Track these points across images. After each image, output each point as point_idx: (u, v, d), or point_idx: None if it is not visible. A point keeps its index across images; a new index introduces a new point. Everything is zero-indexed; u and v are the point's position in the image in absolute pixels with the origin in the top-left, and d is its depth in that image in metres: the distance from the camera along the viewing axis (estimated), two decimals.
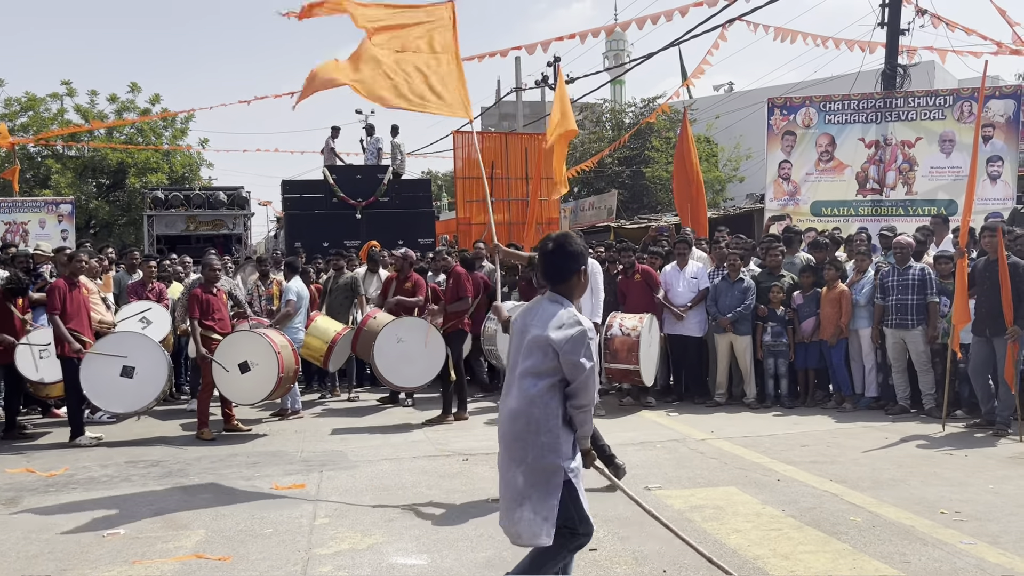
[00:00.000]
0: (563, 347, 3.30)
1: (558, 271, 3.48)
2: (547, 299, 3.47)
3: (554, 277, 3.49)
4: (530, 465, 3.33)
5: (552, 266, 3.49)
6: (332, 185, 15.87)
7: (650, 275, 9.46)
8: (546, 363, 3.33)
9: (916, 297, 8.34)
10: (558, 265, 3.48)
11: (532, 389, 3.34)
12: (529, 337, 3.39)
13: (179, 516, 5.44)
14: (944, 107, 12.62)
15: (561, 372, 3.33)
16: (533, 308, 3.49)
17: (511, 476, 3.38)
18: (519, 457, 3.35)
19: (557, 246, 3.50)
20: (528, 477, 3.33)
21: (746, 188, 27.79)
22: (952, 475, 6.06)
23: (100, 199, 27.54)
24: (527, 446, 3.33)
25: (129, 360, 7.92)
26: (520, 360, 3.42)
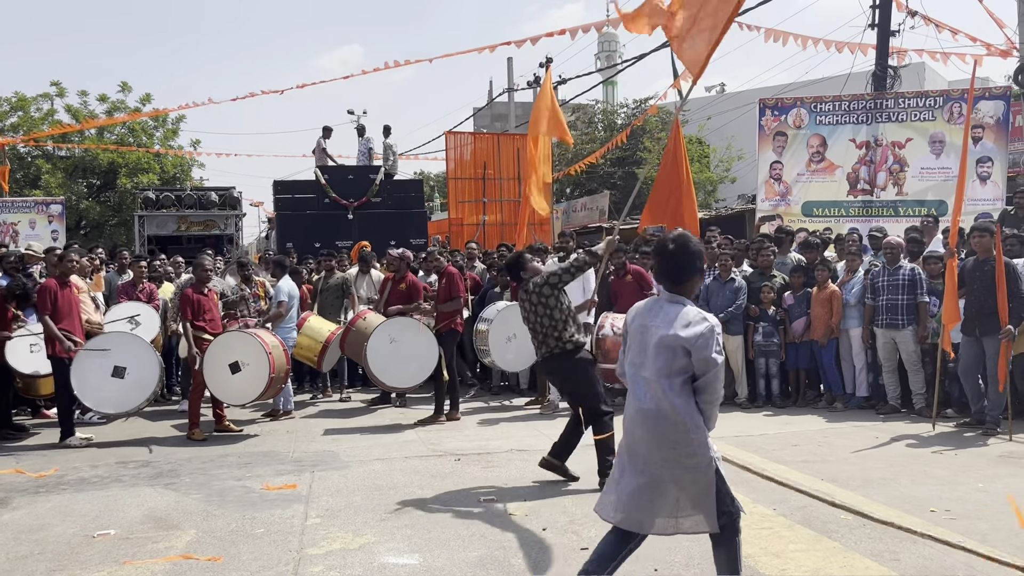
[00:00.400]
0: (695, 344, 3.39)
1: (680, 271, 3.56)
2: (666, 299, 3.56)
3: (676, 277, 3.57)
4: (686, 465, 3.43)
5: (675, 266, 3.57)
6: (324, 185, 15.84)
7: (642, 275, 9.47)
8: (676, 362, 3.43)
9: (906, 297, 8.38)
10: (681, 265, 3.56)
11: (671, 390, 3.44)
12: (656, 338, 3.47)
13: (170, 516, 5.43)
14: (934, 108, 12.68)
15: (691, 369, 3.43)
16: (651, 309, 3.58)
17: (660, 476, 3.45)
18: (671, 457, 3.44)
19: (679, 246, 3.57)
20: (687, 475, 3.44)
21: (738, 189, 27.86)
22: (942, 474, 6.09)
23: (91, 199, 27.46)
24: (679, 445, 3.42)
25: (120, 360, 7.89)
26: (648, 362, 3.50)
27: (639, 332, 3.57)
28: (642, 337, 3.54)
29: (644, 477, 3.49)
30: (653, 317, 3.53)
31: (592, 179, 29.99)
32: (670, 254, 3.57)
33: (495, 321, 9.26)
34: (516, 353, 9.33)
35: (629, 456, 3.55)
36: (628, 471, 3.53)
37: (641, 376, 3.53)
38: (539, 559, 4.45)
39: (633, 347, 3.59)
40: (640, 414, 3.52)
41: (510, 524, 5.07)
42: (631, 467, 3.53)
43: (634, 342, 3.59)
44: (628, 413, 3.58)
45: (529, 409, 9.34)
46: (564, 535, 4.83)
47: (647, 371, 3.50)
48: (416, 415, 8.89)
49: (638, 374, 3.55)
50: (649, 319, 3.54)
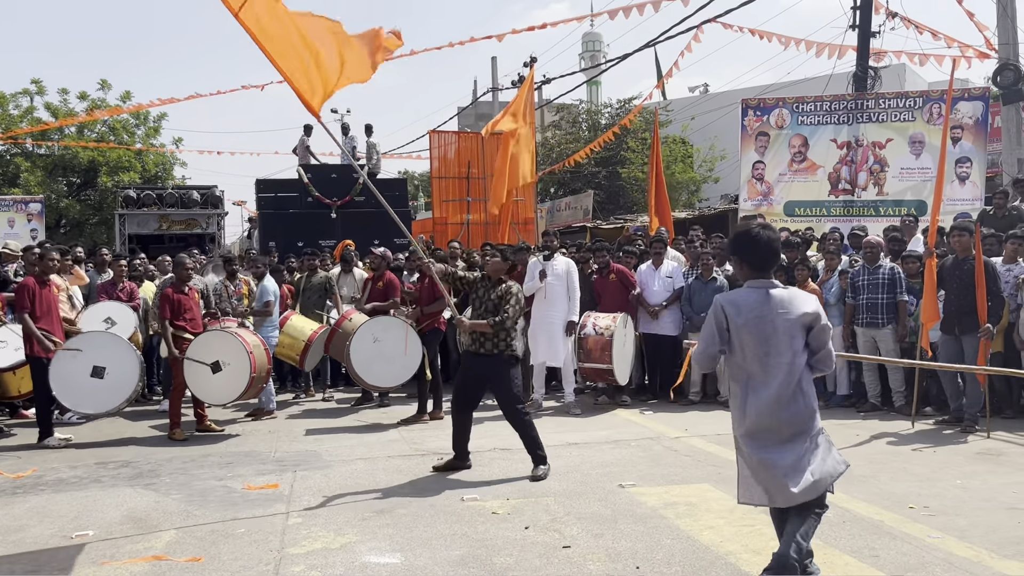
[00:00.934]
0: (818, 316, 3.68)
1: (775, 257, 3.82)
2: (766, 286, 3.71)
3: (773, 262, 3.81)
4: (813, 436, 3.72)
5: (772, 253, 3.78)
6: (307, 184, 15.77)
7: (625, 275, 9.51)
8: (799, 341, 3.67)
9: (886, 296, 8.45)
10: (775, 251, 3.81)
11: (799, 370, 3.68)
12: (786, 323, 3.64)
13: (150, 517, 5.38)
14: (914, 109, 12.79)
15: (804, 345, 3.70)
16: (758, 300, 3.68)
17: (793, 448, 3.67)
18: (804, 430, 3.70)
19: (775, 234, 3.83)
20: (814, 443, 3.71)
21: (721, 188, 27.98)
22: (921, 471, 6.14)
23: (71, 198, 27.20)
24: (807, 420, 3.71)
25: (99, 360, 7.82)
26: (783, 347, 3.65)
27: (755, 324, 3.65)
28: (761, 328, 3.64)
29: (792, 455, 3.66)
30: (765, 305, 3.66)
31: (576, 179, 30.03)
32: (769, 242, 3.75)
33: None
34: None
35: (765, 442, 3.69)
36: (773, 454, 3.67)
37: (778, 363, 3.65)
38: (521, 558, 4.45)
39: (748, 342, 3.67)
40: (777, 401, 3.66)
41: (492, 522, 5.06)
42: (776, 450, 3.67)
43: (749, 336, 3.66)
44: (760, 402, 3.67)
45: None
46: (546, 533, 4.83)
47: (784, 356, 3.65)
48: (399, 414, 8.86)
49: (770, 362, 3.66)
50: (764, 309, 3.65)
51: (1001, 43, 13.60)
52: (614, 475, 6.13)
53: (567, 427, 8.16)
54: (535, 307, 9.07)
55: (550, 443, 7.31)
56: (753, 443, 3.72)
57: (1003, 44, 13.56)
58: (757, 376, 3.69)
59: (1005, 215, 10.23)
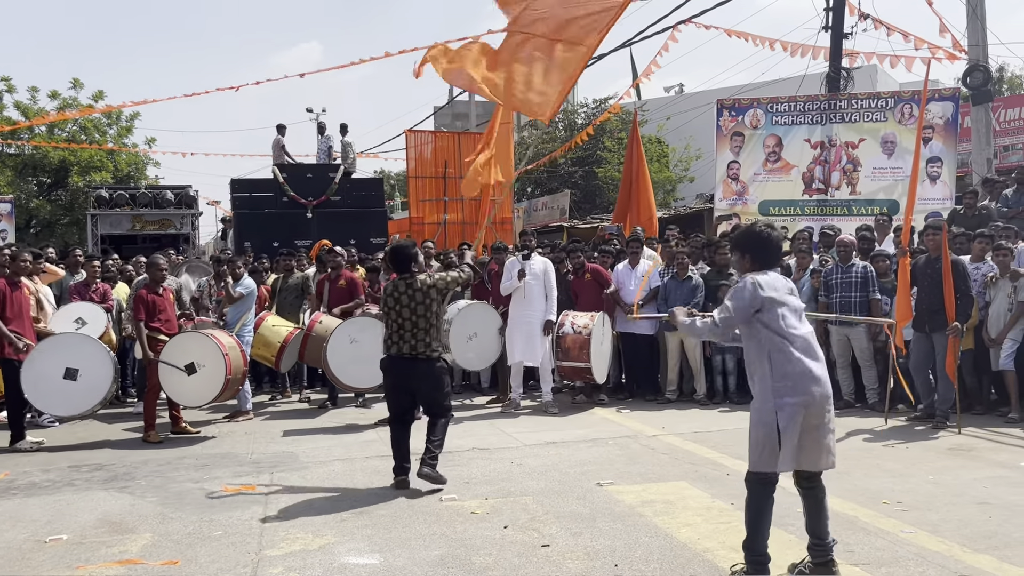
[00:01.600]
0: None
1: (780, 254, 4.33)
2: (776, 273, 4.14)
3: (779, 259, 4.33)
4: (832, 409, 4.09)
5: (779, 250, 4.27)
6: (282, 184, 15.67)
7: (600, 274, 9.55)
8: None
9: (859, 294, 8.55)
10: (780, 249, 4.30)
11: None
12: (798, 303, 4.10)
13: (125, 520, 5.33)
14: (886, 109, 12.95)
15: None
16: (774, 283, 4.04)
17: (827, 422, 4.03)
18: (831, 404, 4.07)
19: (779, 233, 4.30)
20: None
21: (696, 188, 28.14)
22: (894, 467, 6.23)
23: (41, 198, 26.82)
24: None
25: (72, 362, 7.73)
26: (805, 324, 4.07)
27: (779, 302, 4.00)
28: (793, 305, 4.04)
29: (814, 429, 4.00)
30: (778, 288, 4.03)
31: (553, 178, 30.07)
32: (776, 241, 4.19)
33: (455, 320, 9.25)
34: (477, 352, 9.34)
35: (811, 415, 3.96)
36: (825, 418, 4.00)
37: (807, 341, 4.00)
38: (500, 557, 4.46)
39: (789, 315, 4.01)
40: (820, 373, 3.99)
41: (471, 522, 5.07)
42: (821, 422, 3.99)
43: (789, 312, 4.02)
44: (809, 375, 3.94)
45: (490, 408, 9.35)
46: (525, 532, 4.85)
47: (811, 333, 4.07)
48: (377, 415, 8.84)
49: (810, 335, 4.04)
50: (779, 292, 4.02)
51: (970, 44, 13.80)
52: (592, 474, 6.16)
53: (545, 426, 8.19)
54: (513, 306, 9.08)
55: (528, 442, 7.36)
56: (812, 408, 3.95)
57: (972, 46, 13.76)
58: (810, 345, 4.00)
59: (975, 214, 10.39)
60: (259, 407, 9.60)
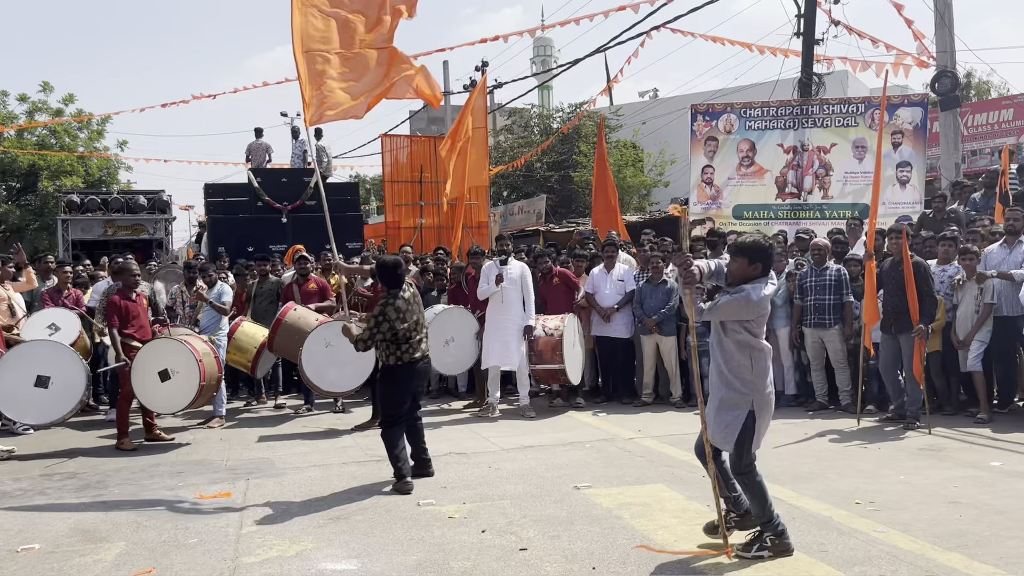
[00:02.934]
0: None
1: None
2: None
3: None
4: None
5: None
6: (257, 189, 15.56)
7: (567, 277, 9.62)
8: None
9: (833, 297, 8.66)
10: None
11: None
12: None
13: (98, 529, 5.27)
14: (856, 115, 13.12)
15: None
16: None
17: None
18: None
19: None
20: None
21: (671, 192, 28.32)
22: (866, 467, 6.31)
23: (10, 203, 26.43)
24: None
25: (43, 369, 7.63)
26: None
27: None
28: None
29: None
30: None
31: (529, 183, 30.14)
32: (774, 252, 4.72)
33: (433, 324, 9.23)
34: (455, 356, 9.34)
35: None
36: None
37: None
38: (478, 561, 4.47)
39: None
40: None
41: (449, 527, 5.07)
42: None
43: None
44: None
45: (467, 412, 9.35)
46: (503, 536, 4.86)
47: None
48: (353, 420, 8.81)
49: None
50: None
51: (938, 51, 14.03)
52: (569, 477, 6.18)
53: (522, 430, 8.20)
54: (490, 311, 9.09)
55: (505, 446, 7.37)
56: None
57: (940, 52, 14.00)
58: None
59: (944, 218, 10.56)
60: (234, 413, 9.53)
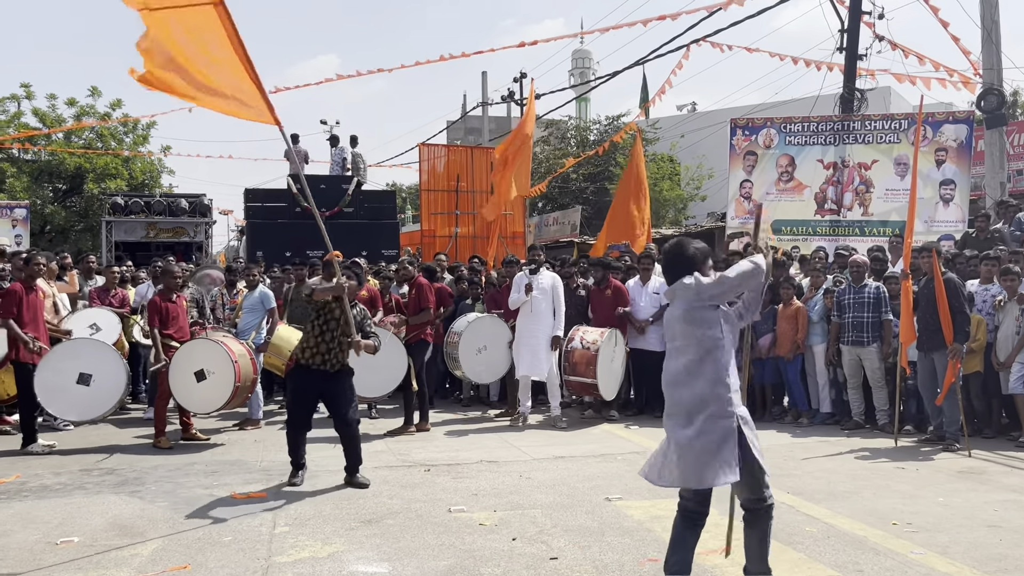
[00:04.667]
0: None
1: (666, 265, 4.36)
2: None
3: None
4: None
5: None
6: (296, 194, 15.77)
7: (620, 292, 9.52)
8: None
9: (871, 315, 8.54)
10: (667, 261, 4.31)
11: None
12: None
13: (135, 524, 5.36)
14: (899, 131, 12.97)
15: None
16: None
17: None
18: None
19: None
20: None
21: (708, 207, 28.17)
22: (903, 488, 6.21)
23: (56, 204, 27.04)
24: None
25: (86, 367, 7.79)
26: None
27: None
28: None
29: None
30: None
31: (564, 194, 30.16)
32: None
33: (465, 332, 9.29)
34: (487, 365, 9.37)
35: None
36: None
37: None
38: (508, 568, 4.47)
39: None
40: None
41: (480, 534, 5.08)
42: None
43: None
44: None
45: (499, 421, 9.35)
46: (533, 545, 4.85)
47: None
48: (386, 426, 8.86)
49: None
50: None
51: (985, 68, 13.81)
52: (600, 488, 6.16)
53: (554, 440, 8.19)
54: (520, 321, 9.11)
55: (536, 456, 7.36)
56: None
57: (987, 69, 13.78)
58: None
59: (987, 237, 10.38)
60: (268, 415, 9.64)
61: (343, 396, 6.41)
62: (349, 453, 6.43)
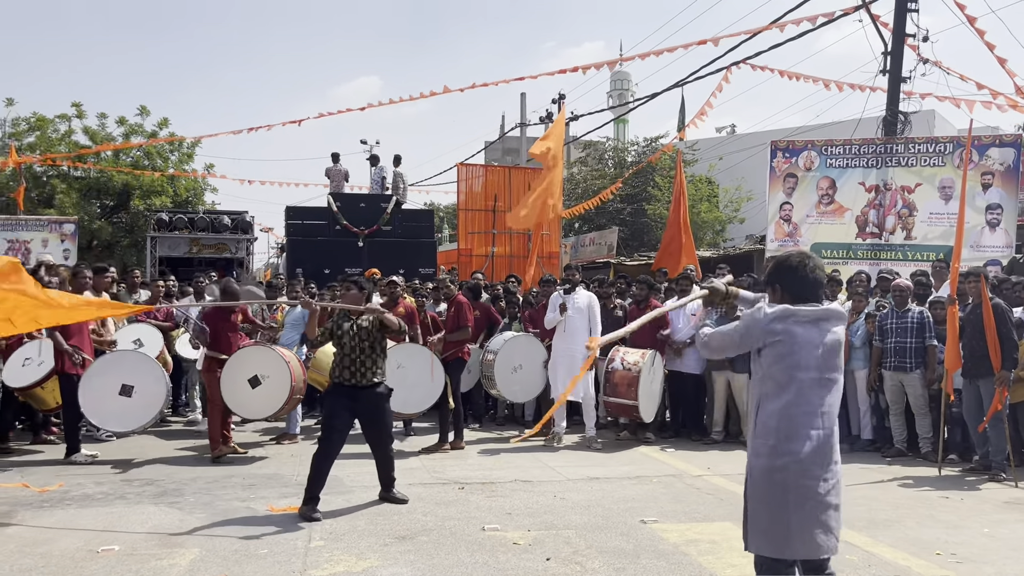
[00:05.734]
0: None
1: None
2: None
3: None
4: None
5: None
6: (335, 212, 15.98)
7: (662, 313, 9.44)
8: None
9: (914, 340, 8.39)
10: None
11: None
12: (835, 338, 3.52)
13: (174, 534, 5.43)
14: (944, 154, 12.76)
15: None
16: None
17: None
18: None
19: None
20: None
21: (746, 229, 27.92)
22: (948, 517, 6.06)
23: (103, 220, 27.65)
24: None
25: (128, 379, 7.94)
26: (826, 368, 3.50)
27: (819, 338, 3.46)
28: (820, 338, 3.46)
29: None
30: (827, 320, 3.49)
31: (601, 215, 30.11)
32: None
33: (501, 352, 9.30)
34: (522, 384, 9.36)
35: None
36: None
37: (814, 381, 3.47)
38: None
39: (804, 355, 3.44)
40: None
41: (513, 553, 5.06)
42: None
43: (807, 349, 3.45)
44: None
45: (533, 441, 9.32)
46: (568, 565, 4.82)
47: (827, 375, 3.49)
48: (420, 443, 8.88)
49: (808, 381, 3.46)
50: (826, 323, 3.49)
51: None
52: (636, 510, 6.11)
53: (589, 461, 8.14)
54: (555, 340, 9.09)
55: (571, 476, 7.32)
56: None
57: None
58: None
59: None
60: (306, 429, 9.71)
61: (376, 412, 6.41)
62: (383, 469, 6.44)
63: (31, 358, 8.22)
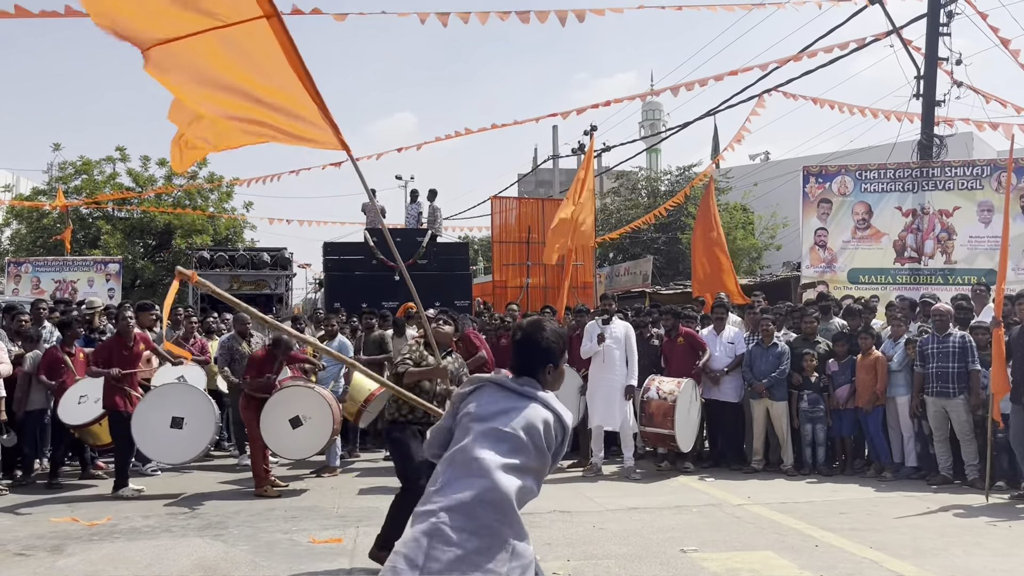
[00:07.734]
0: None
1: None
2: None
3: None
4: None
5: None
6: (372, 248, 16.20)
7: (694, 338, 9.44)
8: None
9: (957, 365, 8.26)
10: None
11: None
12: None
13: (219, 566, 5.53)
14: (982, 177, 12.64)
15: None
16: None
17: None
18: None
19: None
20: None
21: (782, 256, 27.73)
22: (995, 546, 5.95)
23: (146, 259, 28.32)
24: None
25: (178, 411, 8.12)
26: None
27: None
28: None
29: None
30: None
31: (635, 244, 30.12)
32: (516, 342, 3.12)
33: None
34: None
35: None
36: None
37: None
38: None
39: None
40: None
41: None
42: None
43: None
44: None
45: (572, 472, 9.31)
46: None
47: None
48: None
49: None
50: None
51: None
52: (676, 540, 6.08)
53: (628, 491, 8.12)
54: (592, 370, 9.11)
55: (610, 507, 7.31)
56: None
57: None
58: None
59: None
60: (344, 463, 9.80)
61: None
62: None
63: (86, 395, 8.44)
